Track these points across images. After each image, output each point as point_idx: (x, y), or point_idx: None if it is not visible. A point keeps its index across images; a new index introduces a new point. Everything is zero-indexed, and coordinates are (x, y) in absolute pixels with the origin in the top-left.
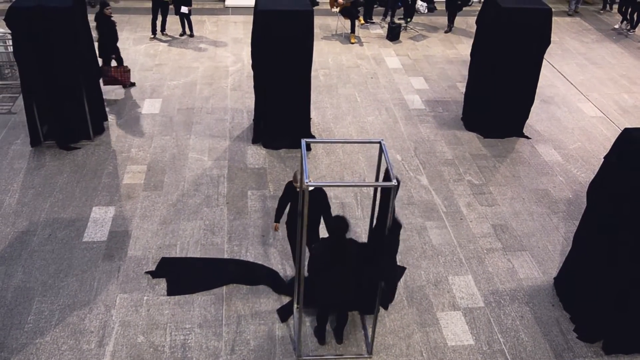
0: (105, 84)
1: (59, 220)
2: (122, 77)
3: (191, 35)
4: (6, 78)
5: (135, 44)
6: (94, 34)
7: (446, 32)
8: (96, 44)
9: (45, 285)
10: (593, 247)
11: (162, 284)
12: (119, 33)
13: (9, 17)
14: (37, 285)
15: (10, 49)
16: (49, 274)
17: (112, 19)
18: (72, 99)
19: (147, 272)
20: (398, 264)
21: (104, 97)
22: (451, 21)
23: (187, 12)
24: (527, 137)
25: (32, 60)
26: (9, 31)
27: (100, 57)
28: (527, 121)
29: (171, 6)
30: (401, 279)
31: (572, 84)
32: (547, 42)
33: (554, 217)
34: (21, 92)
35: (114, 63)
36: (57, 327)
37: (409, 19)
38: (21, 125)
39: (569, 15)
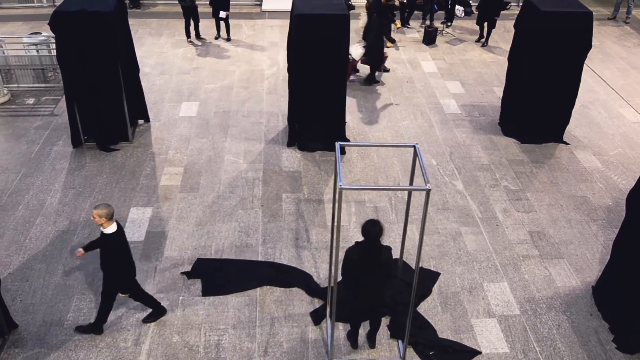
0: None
1: None
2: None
3: (228, 39)
4: (49, 81)
5: (173, 48)
6: None
7: (483, 46)
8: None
9: (84, 284)
10: (633, 255)
11: (197, 284)
12: (157, 37)
13: (53, 21)
14: (76, 283)
15: (54, 52)
16: (88, 272)
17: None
18: (113, 101)
19: (182, 273)
20: (432, 269)
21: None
22: (487, 34)
23: (224, 16)
24: (566, 143)
25: (75, 64)
26: (53, 35)
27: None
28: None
29: (209, 9)
30: (435, 285)
31: (612, 88)
32: (588, 46)
33: (593, 225)
34: (64, 95)
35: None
36: None
37: (449, 23)
38: (63, 126)
39: (610, 19)
